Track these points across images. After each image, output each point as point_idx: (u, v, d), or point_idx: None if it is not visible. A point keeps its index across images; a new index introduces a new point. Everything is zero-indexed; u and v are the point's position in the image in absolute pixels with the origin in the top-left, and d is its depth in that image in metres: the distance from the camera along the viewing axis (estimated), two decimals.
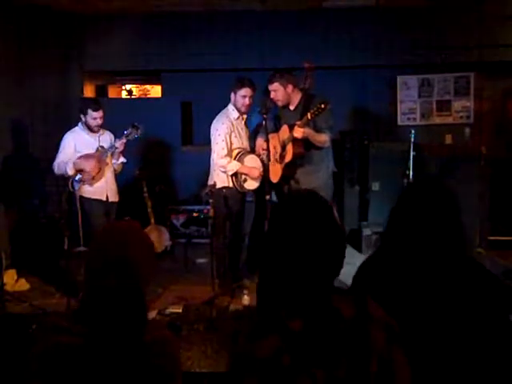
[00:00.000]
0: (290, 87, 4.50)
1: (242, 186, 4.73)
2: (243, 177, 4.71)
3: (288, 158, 4.48)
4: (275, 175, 4.63)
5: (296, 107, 4.55)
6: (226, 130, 4.63)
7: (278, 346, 1.33)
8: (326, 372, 1.31)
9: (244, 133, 4.84)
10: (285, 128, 4.51)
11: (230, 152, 4.68)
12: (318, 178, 4.54)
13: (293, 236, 1.39)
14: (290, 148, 4.45)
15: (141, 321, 1.54)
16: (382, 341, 1.35)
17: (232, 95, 4.71)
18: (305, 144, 4.42)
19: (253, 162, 4.73)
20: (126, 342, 1.49)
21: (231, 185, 4.71)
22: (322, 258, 1.38)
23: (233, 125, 4.69)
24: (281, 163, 4.56)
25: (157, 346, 1.53)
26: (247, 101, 4.65)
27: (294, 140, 4.35)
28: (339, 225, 1.45)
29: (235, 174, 4.67)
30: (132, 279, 1.53)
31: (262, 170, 4.67)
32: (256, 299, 1.48)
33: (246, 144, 4.84)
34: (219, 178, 4.68)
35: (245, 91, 4.63)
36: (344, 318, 1.35)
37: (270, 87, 4.51)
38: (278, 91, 4.50)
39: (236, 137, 4.71)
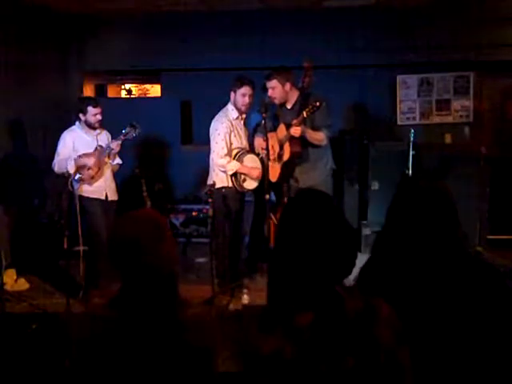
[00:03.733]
0: (287, 85, 4.50)
1: (242, 186, 4.73)
2: (242, 177, 4.71)
3: (286, 156, 4.49)
4: (274, 174, 4.63)
5: (293, 106, 4.55)
6: (225, 130, 4.63)
7: (282, 341, 1.33)
8: (332, 367, 1.32)
9: (243, 132, 4.84)
10: (282, 127, 4.51)
11: (230, 152, 4.68)
12: (316, 175, 4.55)
13: (304, 234, 1.40)
14: (287, 147, 4.46)
15: (172, 299, 1.62)
16: (388, 339, 1.35)
17: (232, 94, 4.71)
18: (302, 142, 4.43)
19: (252, 162, 4.73)
20: (160, 320, 1.55)
21: (230, 185, 4.70)
22: (332, 255, 1.39)
23: (232, 124, 4.70)
24: (279, 162, 4.57)
25: (192, 323, 1.58)
26: (247, 99, 4.65)
27: (292, 138, 4.36)
28: (350, 224, 1.46)
29: (235, 174, 4.67)
30: (157, 260, 1.60)
31: (261, 169, 4.68)
32: (266, 295, 1.48)
33: (245, 144, 4.84)
34: (218, 178, 4.68)
35: (245, 90, 4.63)
36: (351, 314, 1.36)
37: (268, 84, 4.50)
38: (276, 88, 4.49)
39: (235, 136, 4.71)
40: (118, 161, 4.92)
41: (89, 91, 7.03)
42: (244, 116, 4.83)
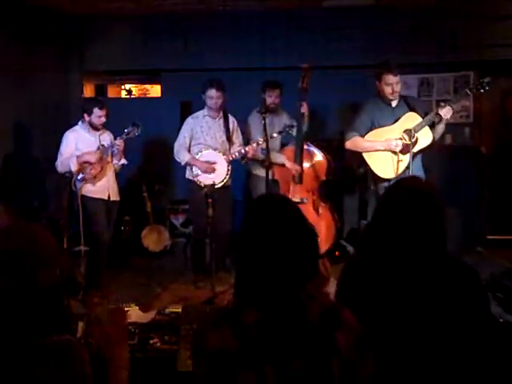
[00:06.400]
0: None
1: (198, 180, 4.90)
2: (196, 170, 4.91)
3: (425, 143, 4.36)
4: (397, 167, 4.43)
5: (398, 104, 4.48)
6: (185, 127, 5.03)
7: (227, 338, 1.35)
8: (276, 369, 1.32)
9: (213, 130, 4.98)
10: (411, 115, 4.37)
11: (186, 145, 4.96)
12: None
13: (262, 235, 1.43)
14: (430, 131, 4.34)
15: (32, 323, 1.48)
16: (348, 347, 1.35)
17: (203, 96, 4.94)
18: None
19: (210, 158, 4.91)
20: (16, 346, 1.43)
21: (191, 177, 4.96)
22: (288, 257, 1.41)
23: (196, 122, 4.97)
24: (405, 153, 4.36)
25: (56, 351, 1.46)
26: (214, 101, 4.87)
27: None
28: (310, 227, 1.48)
29: (191, 167, 4.93)
30: (23, 281, 1.48)
31: (215, 166, 4.86)
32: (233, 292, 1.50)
33: (211, 141, 4.97)
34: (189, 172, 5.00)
35: (209, 93, 4.86)
36: (308, 318, 1.36)
37: (395, 79, 4.35)
38: (400, 84, 4.43)
39: (197, 133, 4.97)
40: (123, 161, 4.94)
41: (89, 91, 7.03)
42: (221, 116, 4.99)
